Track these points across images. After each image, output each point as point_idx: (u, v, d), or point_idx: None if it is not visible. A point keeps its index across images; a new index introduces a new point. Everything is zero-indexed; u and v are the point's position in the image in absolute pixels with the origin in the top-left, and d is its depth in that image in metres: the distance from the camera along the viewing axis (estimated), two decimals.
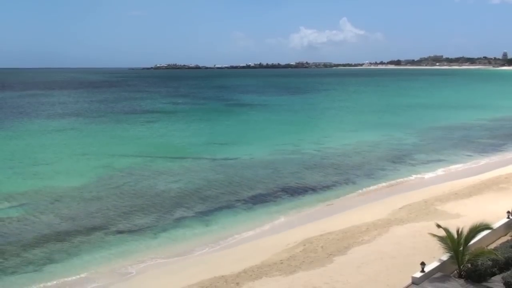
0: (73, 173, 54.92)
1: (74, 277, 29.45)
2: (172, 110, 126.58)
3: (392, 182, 50.96)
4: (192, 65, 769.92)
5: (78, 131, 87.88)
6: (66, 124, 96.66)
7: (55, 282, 28.90)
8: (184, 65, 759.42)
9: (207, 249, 33.61)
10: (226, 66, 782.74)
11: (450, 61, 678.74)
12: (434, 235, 25.48)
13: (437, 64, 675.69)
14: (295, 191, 47.23)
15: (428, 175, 53.62)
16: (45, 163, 60.38)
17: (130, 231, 36.85)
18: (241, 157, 63.37)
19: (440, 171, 55.58)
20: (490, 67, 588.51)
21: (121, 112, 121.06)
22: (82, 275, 29.69)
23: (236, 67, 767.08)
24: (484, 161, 61.52)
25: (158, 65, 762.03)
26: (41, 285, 28.53)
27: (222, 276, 27.99)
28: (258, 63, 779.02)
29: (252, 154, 65.06)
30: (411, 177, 52.89)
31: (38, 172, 55.29)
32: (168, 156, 64.27)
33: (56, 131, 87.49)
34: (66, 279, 29.25)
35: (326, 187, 48.75)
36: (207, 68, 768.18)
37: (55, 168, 57.71)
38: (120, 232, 36.71)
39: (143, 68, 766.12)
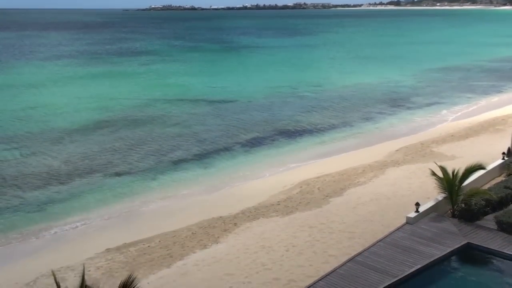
0: (71, 115, 54.84)
1: (74, 218, 29.94)
2: (168, 52, 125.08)
3: (389, 124, 51.08)
4: (188, 6, 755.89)
5: (76, 74, 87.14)
6: (63, 67, 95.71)
7: (55, 222, 29.40)
8: (179, 6, 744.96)
9: (205, 191, 34.02)
10: (222, 7, 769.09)
11: (451, 0, 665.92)
12: (433, 173, 25.80)
13: (438, 4, 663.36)
14: (292, 134, 47.39)
15: (425, 118, 53.68)
16: (43, 105, 60.16)
17: (129, 173, 37.20)
18: (238, 99, 63.20)
19: (437, 114, 55.63)
20: (492, 7, 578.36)
21: (117, 55, 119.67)
22: (82, 216, 30.20)
23: (232, 8, 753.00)
24: (481, 103, 61.50)
25: (153, 6, 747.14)
26: (42, 225, 29.04)
27: (220, 217, 28.48)
28: (255, 4, 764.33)
29: (249, 96, 64.85)
30: (408, 120, 52.97)
31: (37, 115, 55.21)
32: (165, 99, 64.04)
33: (54, 74, 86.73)
34: (66, 219, 29.76)
35: (323, 130, 48.90)
36: (203, 9, 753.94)
37: (53, 110, 57.55)
38: (119, 174, 37.07)
39: (138, 10, 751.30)
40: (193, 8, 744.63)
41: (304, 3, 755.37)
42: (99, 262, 23.91)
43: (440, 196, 25.66)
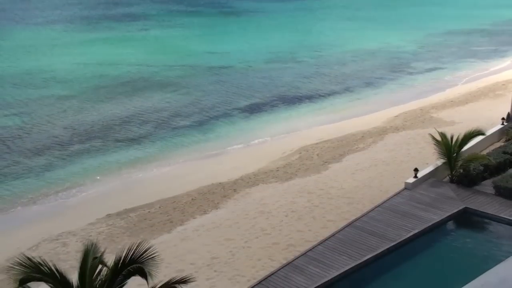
0: (70, 82, 54.45)
1: (74, 184, 30.13)
2: (166, 17, 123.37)
3: (389, 90, 50.88)
4: None
5: (73, 39, 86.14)
6: (60, 32, 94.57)
7: (56, 188, 29.61)
8: None
9: (204, 157, 34.13)
10: None
11: None
12: (432, 139, 25.85)
13: None
14: (291, 100, 47.23)
15: (425, 83, 53.43)
16: (41, 71, 59.67)
17: (129, 139, 37.24)
18: (237, 65, 62.73)
19: (437, 79, 55.35)
20: None
21: (114, 20, 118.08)
22: (83, 182, 30.38)
23: None
24: (482, 68, 61.09)
25: None
26: (43, 191, 29.25)
27: (220, 183, 28.66)
28: None
29: (248, 62, 64.34)
30: (408, 86, 52.74)
31: (36, 81, 54.86)
32: (164, 65, 63.54)
33: (51, 39, 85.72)
34: (67, 186, 29.95)
35: (323, 96, 48.73)
36: None
37: (52, 76, 57.11)
38: (119, 140, 37.11)
39: None
40: None
41: None
42: (100, 228, 24.19)
43: (439, 162, 25.77)
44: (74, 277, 12.93)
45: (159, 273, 16.03)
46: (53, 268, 12.71)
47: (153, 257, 12.84)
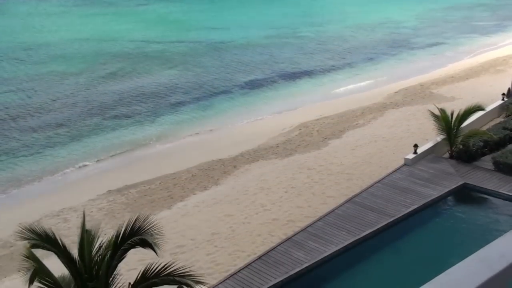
0: (68, 57, 54.18)
1: (74, 160, 30.18)
2: None
3: (390, 66, 50.62)
4: None
5: (72, 14, 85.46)
6: (58, 7, 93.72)
7: (56, 165, 29.67)
8: None
9: (204, 133, 34.12)
10: None
11: None
12: (431, 113, 25.81)
13: None
14: (291, 76, 47.02)
15: (426, 59, 53.13)
16: (40, 47, 59.34)
17: (129, 116, 37.18)
18: (237, 40, 62.29)
19: (438, 55, 55.02)
20: None
21: None
22: (83, 158, 30.42)
23: None
24: (483, 43, 60.66)
25: None
26: (44, 168, 29.31)
27: (220, 159, 28.70)
28: None
29: (248, 38, 63.87)
30: (408, 61, 52.45)
31: (34, 57, 54.57)
32: (163, 41, 63.11)
33: (49, 14, 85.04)
34: (67, 162, 30.00)
35: (323, 72, 48.50)
36: None
37: (50, 52, 56.83)
38: (118, 117, 37.05)
39: None
40: None
41: None
42: (101, 204, 24.30)
43: (439, 138, 25.78)
44: (75, 252, 13.05)
45: (160, 248, 16.16)
46: (59, 240, 12.85)
47: (153, 228, 12.93)
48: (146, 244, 12.86)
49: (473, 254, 2.35)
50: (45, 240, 12.62)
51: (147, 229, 12.89)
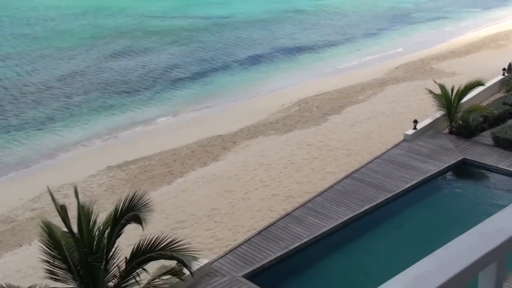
0: (66, 33, 53.76)
1: (74, 136, 30.18)
2: None
3: (390, 41, 50.25)
4: None
5: None
6: None
7: (56, 141, 29.68)
8: None
9: (203, 109, 34.06)
10: None
11: None
12: (430, 91, 25.74)
13: None
14: (291, 52, 46.72)
15: (427, 34, 52.72)
16: (37, 23, 58.83)
17: (127, 92, 37.06)
18: (236, 16, 61.72)
19: (439, 30, 54.58)
20: None
21: None
22: (82, 134, 30.43)
23: None
24: (484, 17, 60.13)
25: None
26: (43, 144, 29.32)
27: (219, 135, 28.69)
28: None
29: (247, 12, 63.29)
30: (409, 36, 52.05)
31: (31, 32, 54.13)
32: (162, 15, 62.56)
33: None
34: (66, 138, 30.01)
35: (323, 47, 48.17)
36: None
37: (47, 27, 56.37)
38: (118, 93, 36.92)
39: None
40: None
41: None
42: (101, 179, 24.38)
43: (438, 114, 25.72)
44: (75, 228, 13.13)
45: (160, 224, 16.29)
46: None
47: (146, 204, 13.06)
48: (137, 219, 12.99)
49: (471, 229, 2.35)
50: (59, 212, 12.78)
51: (141, 205, 13.02)
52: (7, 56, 45.57)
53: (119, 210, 12.94)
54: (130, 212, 12.89)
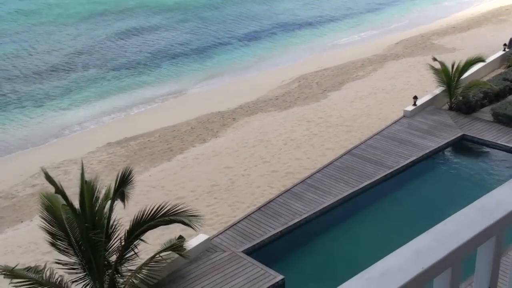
0: (64, 8, 53.16)
1: (73, 113, 30.14)
2: None
3: (390, 16, 49.81)
4: None
5: None
6: None
7: (55, 117, 29.64)
8: None
9: (203, 85, 33.93)
10: None
11: None
12: (431, 67, 25.63)
13: None
14: (291, 28, 46.32)
15: (428, 9, 52.22)
16: None
17: (127, 68, 36.86)
18: None
19: (440, 4, 54.01)
20: None
21: None
22: (82, 111, 30.38)
23: None
24: None
25: None
26: (43, 120, 29.29)
27: (219, 112, 28.64)
28: None
29: None
30: (410, 11, 51.57)
31: (28, 8, 53.55)
32: None
33: None
34: (66, 114, 29.98)
35: (323, 23, 47.74)
36: None
37: (45, 2, 55.71)
38: (117, 69, 36.74)
39: None
40: None
41: None
42: (101, 156, 24.42)
43: (438, 90, 25.64)
44: (76, 203, 13.22)
45: (160, 200, 16.34)
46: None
47: (130, 182, 13.25)
48: (122, 196, 13.17)
49: (470, 204, 2.36)
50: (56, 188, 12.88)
51: (127, 183, 13.23)
52: (2, 31, 45.20)
53: (116, 187, 13.08)
54: (120, 188, 13.08)
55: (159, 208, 13.24)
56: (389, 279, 1.94)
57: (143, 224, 13.01)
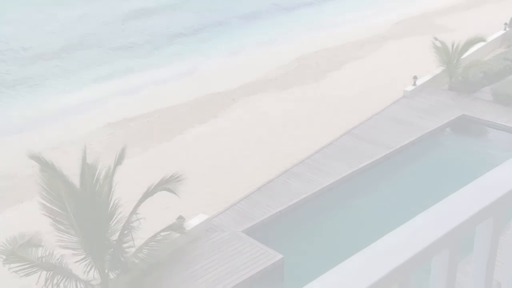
0: None
1: (72, 93, 30.01)
2: None
3: None
4: None
5: None
6: None
7: (54, 98, 29.54)
8: None
9: (202, 66, 33.76)
10: None
11: None
12: (433, 44, 25.48)
13: None
14: (290, 6, 45.93)
15: None
16: None
17: (124, 49, 36.65)
18: None
19: None
20: None
21: None
22: (80, 92, 30.25)
23: None
24: None
25: None
26: (41, 101, 29.20)
27: (218, 92, 28.55)
28: None
29: None
30: None
31: None
32: None
33: None
34: (64, 95, 29.86)
35: (322, 2, 47.32)
36: None
37: None
38: (114, 49, 36.51)
39: None
40: None
41: None
42: (100, 137, 24.40)
43: (439, 70, 25.54)
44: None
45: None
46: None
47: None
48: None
49: (469, 184, 2.36)
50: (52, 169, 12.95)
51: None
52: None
53: (114, 167, 13.18)
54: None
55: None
56: (387, 258, 1.94)
57: (143, 199, 13.28)
